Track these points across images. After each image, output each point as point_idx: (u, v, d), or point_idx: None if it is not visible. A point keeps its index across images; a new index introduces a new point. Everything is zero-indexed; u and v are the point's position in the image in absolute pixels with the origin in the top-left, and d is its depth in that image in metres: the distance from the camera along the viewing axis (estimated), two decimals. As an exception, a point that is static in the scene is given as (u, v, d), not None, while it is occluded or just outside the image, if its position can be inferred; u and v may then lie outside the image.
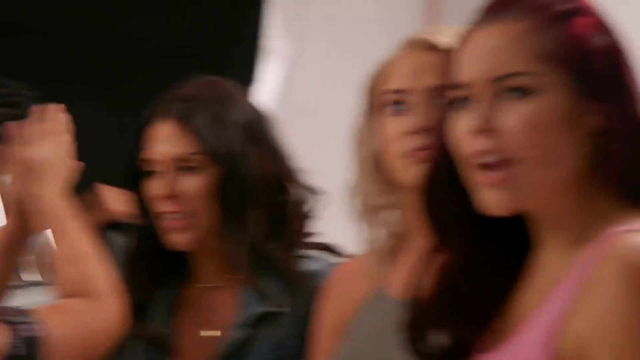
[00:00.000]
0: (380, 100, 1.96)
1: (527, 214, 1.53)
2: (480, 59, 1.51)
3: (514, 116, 1.48)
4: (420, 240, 1.88)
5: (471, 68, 1.52)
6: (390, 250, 2.02)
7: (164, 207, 2.13)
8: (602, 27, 1.53)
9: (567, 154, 1.49)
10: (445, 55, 1.70)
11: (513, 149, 1.48)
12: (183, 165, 2.13)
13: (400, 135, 1.92)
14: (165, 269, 2.24)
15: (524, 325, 1.50)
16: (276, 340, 2.14)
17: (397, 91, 1.93)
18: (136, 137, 2.17)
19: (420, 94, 1.92)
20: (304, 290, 2.15)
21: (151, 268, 2.23)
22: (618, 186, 1.50)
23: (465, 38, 1.54)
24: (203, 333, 2.21)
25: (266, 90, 3.66)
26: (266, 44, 3.59)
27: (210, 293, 2.23)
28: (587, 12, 1.54)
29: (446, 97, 1.56)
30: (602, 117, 1.49)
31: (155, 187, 2.14)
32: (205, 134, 2.14)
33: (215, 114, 2.15)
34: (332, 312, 2.08)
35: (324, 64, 3.89)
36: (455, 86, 1.53)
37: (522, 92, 1.49)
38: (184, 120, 2.13)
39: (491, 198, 1.48)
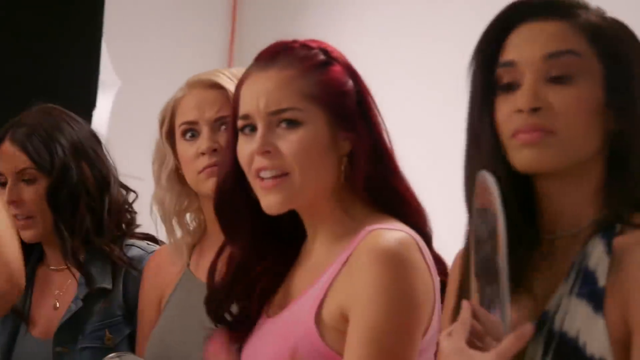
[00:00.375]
0: (177, 129, 2.09)
1: (301, 212, 1.71)
2: (258, 97, 1.66)
3: (286, 142, 1.65)
4: (217, 233, 1.96)
5: (251, 103, 1.67)
6: (194, 241, 2.16)
7: (12, 210, 2.26)
8: (350, 74, 1.70)
9: (325, 170, 1.67)
10: (223, 91, 2.03)
11: (284, 165, 1.65)
12: (22, 178, 2.29)
13: (193, 157, 2.05)
14: (26, 255, 2.24)
15: (299, 298, 1.67)
16: (104, 311, 2.26)
17: (188, 123, 2.07)
18: None
19: (206, 124, 2.05)
20: (127, 271, 2.28)
21: None
22: (366, 196, 1.67)
23: (245, 78, 1.70)
24: (53, 306, 2.32)
25: (100, 114, 3.79)
26: (100, 78, 3.76)
27: (56, 274, 2.36)
28: (339, 62, 1.70)
29: (234, 125, 1.71)
30: (350, 143, 1.67)
31: (4, 195, 2.28)
32: (35, 153, 2.27)
33: (46, 135, 2.28)
34: (150, 289, 2.20)
35: (146, 96, 3.94)
36: (242, 117, 1.69)
37: (291, 123, 1.65)
38: (21, 143, 2.28)
39: (269, 201, 1.66)
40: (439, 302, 1.62)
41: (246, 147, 1.67)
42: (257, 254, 1.75)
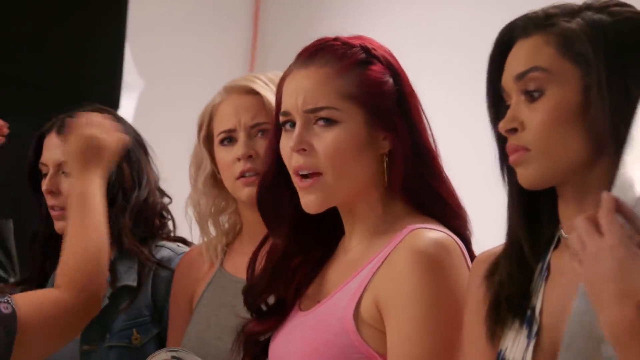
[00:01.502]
0: (215, 137, 2.12)
1: (340, 209, 1.72)
2: (297, 94, 1.68)
3: (321, 140, 1.66)
4: (252, 234, 2.11)
5: (290, 101, 1.69)
6: (228, 241, 2.18)
7: (49, 200, 2.33)
8: (390, 73, 1.70)
9: (361, 169, 1.67)
10: (259, 98, 2.07)
11: (318, 165, 1.67)
12: (63, 169, 2.31)
13: (230, 163, 2.09)
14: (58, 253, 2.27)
15: (334, 293, 1.68)
16: (132, 311, 2.27)
17: (226, 131, 2.10)
18: (36, 146, 2.36)
19: (242, 130, 2.08)
20: (156, 272, 2.29)
21: (45, 250, 2.38)
22: (405, 196, 1.68)
23: (286, 75, 1.73)
24: None
25: (124, 115, 3.51)
26: (124, 79, 3.74)
27: None
28: (380, 60, 1.70)
29: (277, 120, 1.73)
30: (389, 142, 1.68)
31: (44, 184, 2.33)
32: None
33: None
34: (183, 288, 2.21)
35: (169, 97, 4.18)
36: (282, 113, 1.71)
37: (328, 121, 1.67)
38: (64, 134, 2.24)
39: (306, 200, 1.68)
40: None
41: (286, 143, 1.71)
42: (298, 246, 1.77)
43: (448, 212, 1.70)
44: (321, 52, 1.71)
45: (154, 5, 4.25)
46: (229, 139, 2.11)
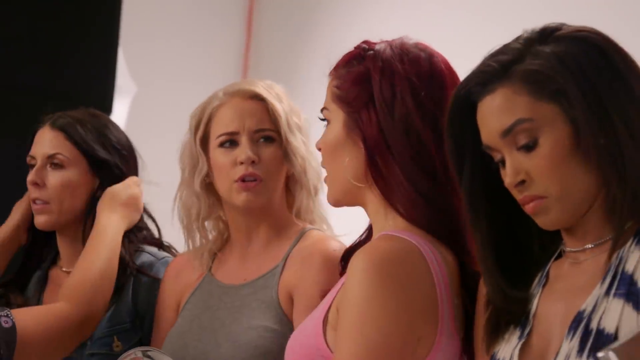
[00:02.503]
0: (214, 138, 2.10)
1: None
2: None
3: (320, 140, 1.73)
4: (241, 241, 2.14)
5: None
6: (216, 249, 2.18)
7: (32, 192, 2.31)
8: (380, 72, 1.68)
9: (343, 169, 1.69)
10: (263, 103, 2.07)
11: (324, 163, 1.75)
12: (51, 162, 2.30)
13: (229, 165, 2.08)
14: (40, 254, 2.39)
15: (325, 294, 1.76)
16: (113, 318, 2.25)
17: (228, 134, 2.09)
18: (30, 140, 2.36)
19: (246, 134, 2.08)
20: (136, 278, 2.27)
21: (30, 251, 2.39)
22: (383, 196, 1.67)
23: None
24: None
25: (117, 119, 3.42)
26: (116, 83, 3.73)
27: (66, 276, 2.31)
28: (368, 60, 1.69)
29: None
30: (362, 142, 1.68)
31: (29, 176, 2.32)
32: (81, 139, 2.29)
33: (94, 129, 2.31)
34: (170, 293, 2.21)
35: (161, 101, 4.17)
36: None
37: (326, 121, 1.73)
38: (62, 129, 2.30)
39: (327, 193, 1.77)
40: (446, 312, 1.60)
41: None
42: None
43: (413, 208, 1.66)
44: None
45: (147, 10, 4.25)
46: (230, 141, 2.09)
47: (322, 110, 1.73)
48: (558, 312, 1.46)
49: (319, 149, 1.75)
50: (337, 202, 1.73)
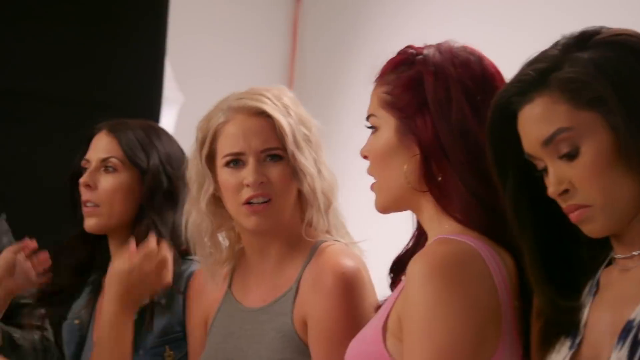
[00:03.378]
0: (220, 158, 2.04)
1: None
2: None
3: (368, 147, 1.69)
4: (254, 261, 2.09)
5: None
6: (230, 262, 2.13)
7: (84, 194, 2.32)
8: (433, 76, 1.65)
9: (396, 175, 1.66)
10: (269, 120, 2.00)
11: (371, 171, 1.70)
12: (105, 165, 2.32)
13: (236, 186, 2.01)
14: (90, 260, 2.39)
15: (384, 301, 1.71)
16: (164, 327, 2.26)
17: (234, 154, 2.02)
18: (85, 144, 2.38)
19: (252, 154, 2.01)
20: (178, 287, 2.26)
21: (77, 257, 2.39)
22: (434, 198, 1.65)
23: None
24: None
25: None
26: (164, 94, 3.80)
27: None
28: (420, 65, 1.67)
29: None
30: (418, 148, 1.65)
31: (82, 178, 2.33)
32: (127, 145, 2.32)
33: (145, 136, 2.33)
34: (195, 311, 2.18)
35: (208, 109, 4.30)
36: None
37: (372, 128, 1.68)
38: (116, 133, 2.33)
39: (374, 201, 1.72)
40: (507, 314, 1.58)
41: None
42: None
43: (471, 212, 1.64)
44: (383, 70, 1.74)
45: (193, 21, 4.31)
46: (236, 161, 2.03)
47: (368, 118, 1.70)
48: (608, 321, 1.43)
49: (365, 157, 1.70)
50: (386, 209, 1.70)
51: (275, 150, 2.02)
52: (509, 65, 1.56)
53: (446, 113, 1.63)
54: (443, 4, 4.16)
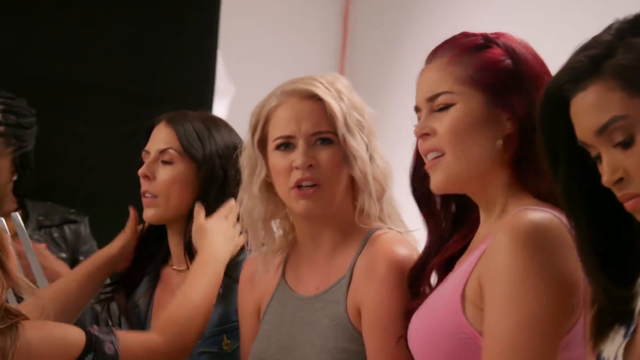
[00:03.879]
0: (271, 141, 2.06)
1: (471, 196, 1.77)
2: (422, 88, 1.77)
3: (439, 123, 1.73)
4: (306, 246, 2.09)
5: (418, 96, 1.78)
6: (284, 251, 2.14)
7: (142, 185, 2.34)
8: (509, 56, 1.74)
9: (480, 147, 1.71)
10: (320, 103, 2.01)
11: (440, 146, 1.73)
12: (162, 158, 2.34)
13: (286, 169, 2.02)
14: (151, 254, 2.42)
15: (453, 272, 1.76)
16: (221, 316, 2.28)
17: (284, 137, 2.03)
18: (145, 136, 2.40)
19: (302, 137, 2.02)
20: (235, 276, 2.26)
21: (140, 251, 2.42)
22: (512, 174, 1.71)
23: (419, 74, 1.80)
24: None
25: None
26: (216, 86, 3.84)
27: (177, 275, 2.38)
28: (499, 45, 1.76)
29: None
30: (507, 121, 1.72)
31: (141, 169, 2.35)
32: (184, 136, 2.33)
33: (204, 128, 2.35)
34: (248, 300, 2.18)
35: (259, 100, 4.28)
36: (415, 109, 1.77)
37: (444, 107, 1.73)
38: (175, 125, 2.35)
39: (433, 181, 1.74)
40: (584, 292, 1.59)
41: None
42: (445, 236, 1.84)
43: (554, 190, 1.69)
44: (443, 46, 1.77)
45: (245, 13, 4.31)
46: (286, 144, 2.04)
47: (438, 96, 1.73)
48: None
49: (426, 134, 1.72)
50: (448, 187, 1.74)
51: (325, 134, 2.02)
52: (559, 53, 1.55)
53: (534, 92, 1.69)
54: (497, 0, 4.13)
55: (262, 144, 2.07)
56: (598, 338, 1.49)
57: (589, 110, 1.42)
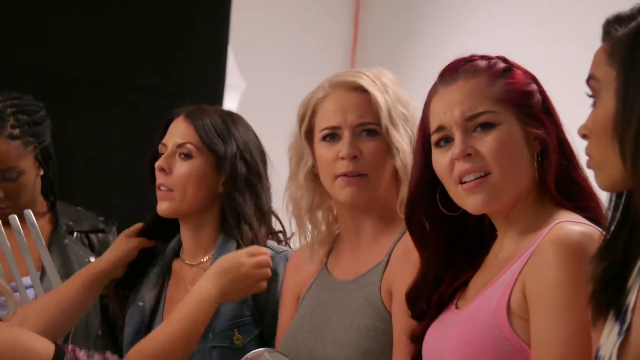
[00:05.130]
0: (317, 132, 2.09)
1: (497, 216, 1.78)
2: (452, 108, 1.75)
3: (484, 143, 1.73)
4: (349, 235, 2.13)
5: (444, 115, 1.76)
6: (327, 241, 2.18)
7: (158, 178, 2.33)
8: (529, 76, 1.80)
9: (522, 167, 1.75)
10: (366, 95, 2.04)
11: (485, 166, 1.73)
12: (180, 151, 2.33)
13: (331, 160, 2.06)
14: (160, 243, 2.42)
15: (485, 290, 1.74)
16: (233, 311, 2.27)
17: (330, 128, 2.07)
18: (163, 130, 2.38)
19: (347, 128, 2.06)
20: None
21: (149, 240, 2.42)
22: (555, 192, 1.75)
23: (432, 95, 1.80)
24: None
25: None
26: (226, 80, 3.83)
27: (190, 269, 2.37)
28: (517, 67, 1.81)
29: (423, 142, 1.80)
30: (539, 142, 1.75)
31: (158, 162, 2.34)
32: (203, 130, 2.32)
33: (222, 123, 2.34)
34: (291, 286, 2.22)
35: (270, 97, 4.23)
36: (436, 130, 1.78)
37: (486, 126, 1.74)
38: (194, 119, 2.34)
39: (474, 201, 1.74)
40: None
41: (444, 157, 1.77)
42: (445, 260, 1.85)
43: (591, 204, 1.75)
44: (463, 66, 1.78)
45: (255, 8, 4.33)
46: (332, 135, 2.08)
47: (479, 115, 1.74)
48: None
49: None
50: (491, 205, 1.75)
51: (370, 125, 2.06)
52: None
53: (553, 110, 1.78)
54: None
55: (309, 134, 2.12)
56: (597, 319, 1.49)
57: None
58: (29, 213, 2.47)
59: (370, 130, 2.07)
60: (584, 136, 1.44)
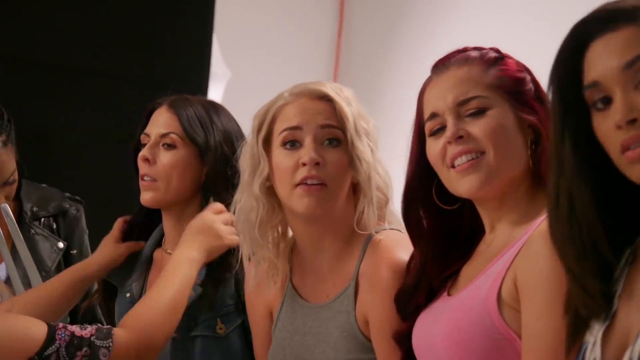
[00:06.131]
0: (276, 137, 2.01)
1: (487, 204, 1.77)
2: (444, 95, 1.76)
3: (476, 126, 1.74)
4: (305, 249, 2.06)
5: (437, 102, 1.77)
6: (283, 257, 2.10)
7: (142, 168, 2.32)
8: (522, 66, 1.81)
9: (515, 151, 1.73)
10: (330, 103, 1.99)
11: (479, 146, 1.73)
12: (164, 142, 2.32)
13: (291, 168, 1.98)
14: (144, 234, 2.42)
15: (476, 279, 1.74)
16: (219, 298, 2.28)
17: (291, 128, 1.99)
18: (145, 120, 2.38)
19: (310, 132, 1.99)
20: (240, 262, 2.18)
21: (139, 232, 2.42)
22: (542, 182, 1.69)
23: (426, 86, 1.81)
24: None
25: None
26: (211, 70, 3.82)
27: (170, 258, 2.23)
28: (509, 57, 1.81)
29: (418, 133, 1.80)
30: (532, 130, 1.74)
31: (141, 152, 2.33)
32: (187, 121, 2.31)
33: (205, 114, 2.33)
34: (257, 304, 2.17)
35: (255, 87, 4.04)
36: (429, 117, 1.78)
37: (478, 111, 1.74)
38: (177, 109, 2.33)
39: (468, 182, 1.73)
40: None
41: (437, 144, 1.77)
42: (440, 254, 1.85)
43: None
44: (456, 56, 1.80)
45: (240, 0, 4.30)
46: (292, 142, 2.00)
47: (471, 100, 1.75)
48: None
49: (459, 137, 1.71)
50: (485, 186, 1.73)
51: (335, 131, 2.00)
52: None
53: (545, 100, 1.75)
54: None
55: (267, 142, 2.04)
56: (572, 342, 1.50)
57: (619, 46, 1.41)
58: (6, 207, 2.46)
59: (334, 139, 2.00)
60: (632, 121, 1.39)
